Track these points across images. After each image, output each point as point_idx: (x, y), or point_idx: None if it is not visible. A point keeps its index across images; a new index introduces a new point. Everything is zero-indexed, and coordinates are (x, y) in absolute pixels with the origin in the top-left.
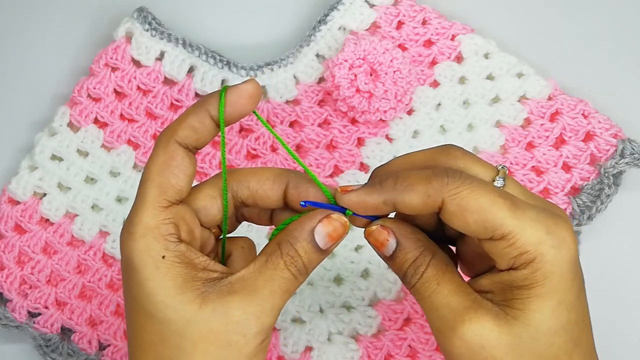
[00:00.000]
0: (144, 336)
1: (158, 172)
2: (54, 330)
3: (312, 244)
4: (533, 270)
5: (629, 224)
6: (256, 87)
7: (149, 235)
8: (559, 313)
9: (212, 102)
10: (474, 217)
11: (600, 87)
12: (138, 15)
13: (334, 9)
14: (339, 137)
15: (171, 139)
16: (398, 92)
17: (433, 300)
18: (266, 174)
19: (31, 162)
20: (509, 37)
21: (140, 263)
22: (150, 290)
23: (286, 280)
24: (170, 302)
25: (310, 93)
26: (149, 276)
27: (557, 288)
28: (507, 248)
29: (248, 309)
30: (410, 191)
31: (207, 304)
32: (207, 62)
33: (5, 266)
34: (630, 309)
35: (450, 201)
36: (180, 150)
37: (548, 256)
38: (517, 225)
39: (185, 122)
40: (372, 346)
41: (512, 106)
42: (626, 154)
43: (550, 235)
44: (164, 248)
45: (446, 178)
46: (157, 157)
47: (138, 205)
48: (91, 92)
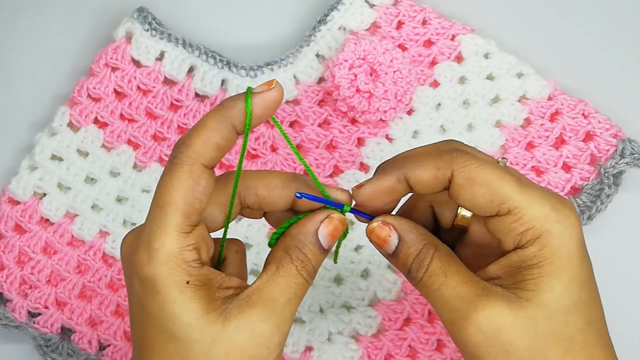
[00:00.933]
0: (163, 356)
1: (182, 197)
2: (54, 330)
3: (317, 245)
4: (541, 246)
5: (629, 224)
6: (280, 93)
7: (172, 262)
8: (571, 291)
9: (236, 117)
10: (482, 190)
11: (600, 87)
12: (138, 15)
13: (334, 9)
14: (339, 137)
15: (197, 162)
16: (398, 92)
17: (442, 292)
18: (275, 180)
19: (31, 162)
20: (509, 37)
21: (163, 286)
22: (175, 312)
23: (300, 286)
24: (195, 323)
25: (310, 93)
26: (174, 299)
27: (567, 265)
28: (514, 223)
29: (270, 321)
30: (421, 165)
31: (230, 320)
32: (207, 62)
33: (5, 266)
34: (630, 308)
35: (459, 173)
36: (206, 173)
37: (554, 232)
38: (523, 200)
39: (212, 142)
40: (372, 346)
41: (512, 106)
42: (626, 154)
43: (555, 212)
44: (187, 274)
45: (455, 153)
46: (182, 180)
47: (158, 229)
48: (91, 92)
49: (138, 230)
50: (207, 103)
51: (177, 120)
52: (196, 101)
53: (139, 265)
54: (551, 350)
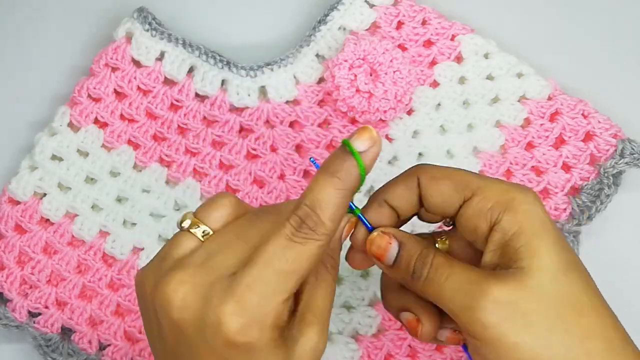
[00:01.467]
0: None
1: (308, 270)
2: (54, 330)
3: (340, 248)
4: (513, 213)
5: (628, 224)
6: (381, 145)
7: (270, 347)
8: (559, 251)
9: (355, 183)
10: (446, 182)
11: (600, 87)
12: (138, 16)
13: (334, 9)
14: (339, 137)
15: (328, 238)
16: (398, 92)
17: (452, 281)
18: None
19: (31, 162)
20: (509, 37)
21: (248, 348)
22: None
23: (333, 288)
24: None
25: (310, 93)
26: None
27: (543, 227)
28: (480, 202)
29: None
30: (393, 184)
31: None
32: (207, 62)
33: (6, 266)
34: (630, 308)
35: (423, 176)
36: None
37: (519, 199)
38: (482, 181)
39: (339, 218)
40: (372, 346)
41: (512, 106)
42: (626, 154)
43: (513, 187)
44: (273, 333)
45: (417, 166)
46: (315, 256)
47: (275, 296)
48: (91, 92)
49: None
50: (207, 103)
51: (177, 120)
52: (196, 101)
53: (217, 329)
54: (567, 315)
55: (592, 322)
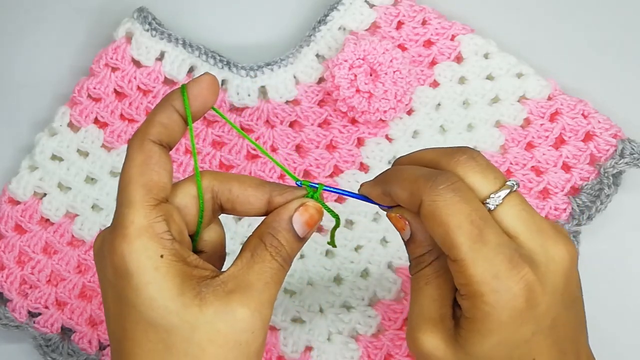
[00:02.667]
0: (145, 345)
1: (139, 172)
2: (54, 330)
3: (291, 232)
4: (473, 305)
5: (628, 224)
6: (214, 78)
7: (144, 236)
8: (499, 351)
9: (175, 98)
10: (439, 229)
11: (600, 87)
12: (138, 16)
13: (334, 9)
14: (339, 137)
15: (145, 139)
16: (398, 92)
17: (416, 295)
18: (249, 181)
19: (31, 162)
20: (509, 37)
21: (138, 266)
22: (151, 295)
23: (276, 271)
24: (172, 306)
25: (310, 93)
26: (149, 279)
27: (497, 329)
28: (457, 272)
29: (250, 305)
30: (399, 186)
31: (207, 306)
32: (207, 62)
33: (6, 266)
34: (630, 308)
35: (426, 206)
36: (156, 147)
37: (487, 299)
38: (470, 256)
39: (154, 120)
40: (372, 346)
41: (512, 106)
42: (626, 154)
43: (495, 280)
44: (161, 247)
45: (431, 182)
46: (134, 158)
47: (124, 208)
48: (91, 92)
49: (108, 227)
50: None
51: None
52: None
53: (113, 248)
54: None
55: None
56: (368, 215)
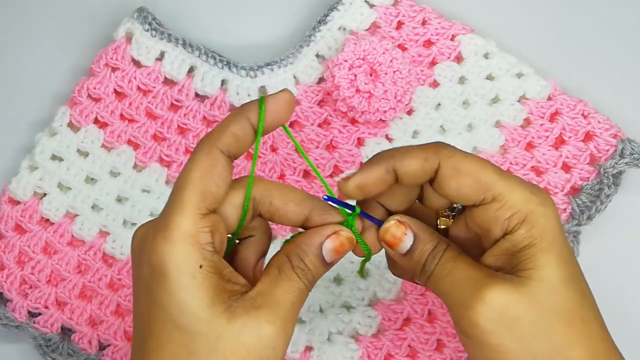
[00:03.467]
0: (168, 347)
1: (201, 178)
2: (54, 330)
3: (319, 258)
4: (529, 227)
5: (628, 224)
6: (291, 96)
7: (188, 242)
8: (563, 265)
9: (251, 110)
10: (468, 179)
11: (600, 87)
12: (138, 16)
13: (334, 9)
14: (338, 137)
15: (214, 146)
16: (398, 92)
17: (453, 276)
18: (292, 194)
19: (31, 162)
20: (509, 37)
21: (175, 270)
22: (184, 300)
23: (301, 291)
24: (202, 314)
25: (310, 93)
26: (185, 285)
27: (554, 241)
28: (500, 210)
29: (277, 323)
30: (409, 156)
31: (235, 319)
32: (207, 62)
33: (6, 266)
34: (630, 308)
35: (446, 164)
36: (222, 157)
37: (539, 212)
38: (506, 187)
39: (228, 130)
40: (372, 346)
41: (512, 106)
42: (626, 154)
43: (536, 196)
44: (202, 257)
45: (441, 145)
46: (200, 162)
47: (175, 209)
48: (91, 92)
49: (152, 220)
50: (207, 103)
51: (177, 120)
52: (196, 101)
53: (154, 246)
54: (556, 324)
55: (579, 333)
56: None
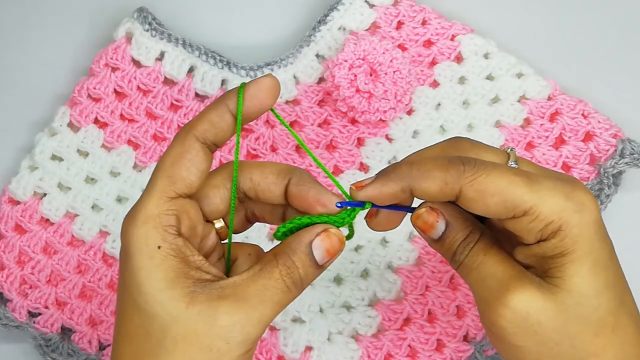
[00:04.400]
0: (129, 327)
1: (171, 163)
2: (54, 330)
3: (309, 257)
4: (561, 238)
5: (628, 224)
6: (274, 81)
7: (149, 224)
8: (596, 274)
9: (231, 97)
10: (494, 199)
11: (600, 87)
12: (138, 16)
13: (334, 9)
14: (338, 137)
15: (189, 133)
16: (398, 92)
17: (480, 270)
18: (270, 168)
19: (31, 162)
20: (509, 37)
21: (136, 250)
22: (141, 280)
23: (278, 291)
24: (158, 295)
25: (310, 93)
26: (142, 265)
27: (589, 250)
28: (532, 223)
29: (235, 316)
30: (427, 178)
31: (194, 304)
32: (207, 62)
33: (6, 266)
34: None
35: (468, 188)
36: (197, 144)
37: (572, 221)
38: (537, 199)
39: (205, 117)
40: (372, 346)
41: (512, 106)
42: (626, 154)
43: (570, 202)
44: (161, 238)
45: (462, 166)
46: (173, 149)
47: (145, 193)
48: (91, 92)
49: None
50: (207, 103)
51: (177, 120)
52: (196, 101)
53: (123, 229)
54: (581, 333)
55: (608, 341)
56: None
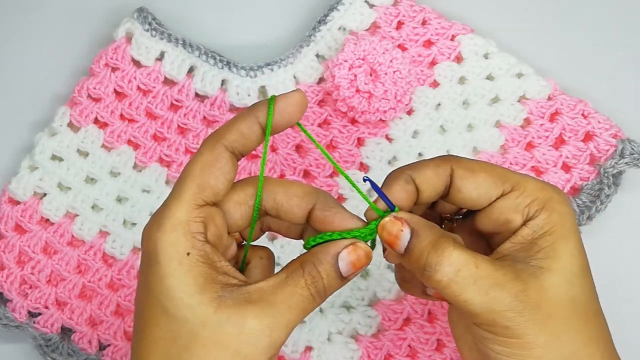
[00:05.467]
0: (154, 331)
1: (200, 170)
2: (54, 330)
3: (334, 268)
4: (549, 212)
5: (628, 224)
6: (303, 96)
7: (179, 230)
8: (580, 254)
9: (260, 109)
10: (483, 175)
11: (600, 87)
12: (138, 16)
13: (334, 9)
14: (338, 137)
15: (219, 142)
16: (398, 92)
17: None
18: (295, 189)
19: (31, 162)
20: (509, 37)
21: (164, 256)
22: (171, 285)
23: (304, 299)
24: (188, 300)
25: (310, 93)
26: (172, 271)
27: (572, 229)
28: (519, 198)
29: (263, 321)
30: (423, 166)
31: (222, 309)
32: (207, 62)
33: (6, 266)
34: (630, 308)
35: (458, 167)
36: (226, 153)
37: (557, 197)
38: (521, 177)
39: (234, 127)
40: (372, 346)
41: (512, 106)
42: (626, 154)
43: (548, 185)
44: (190, 245)
45: (450, 155)
46: (202, 156)
47: (172, 199)
48: (91, 92)
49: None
50: (207, 103)
51: (177, 120)
52: (196, 101)
53: (149, 233)
54: (576, 319)
55: (594, 328)
56: None
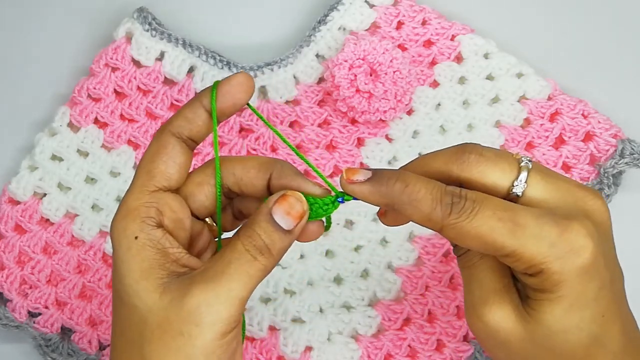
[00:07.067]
0: (117, 320)
1: (149, 159)
2: (54, 330)
3: (270, 223)
4: (542, 279)
5: (628, 224)
6: (245, 77)
7: (129, 217)
8: (571, 314)
9: (204, 94)
10: (473, 242)
11: (600, 87)
12: (138, 16)
13: (334, 9)
14: (338, 137)
15: (164, 130)
16: (398, 92)
17: (472, 272)
18: (251, 162)
19: (31, 162)
20: (509, 37)
21: (117, 244)
22: (122, 272)
23: (243, 262)
24: (135, 287)
25: (310, 93)
26: (122, 256)
27: (568, 293)
28: (515, 263)
29: (199, 296)
30: (415, 207)
31: (166, 293)
32: (207, 62)
33: (6, 266)
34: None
35: (449, 230)
36: (173, 139)
37: (554, 268)
38: (519, 245)
39: (179, 114)
40: (372, 346)
41: (512, 106)
42: (626, 154)
43: (554, 249)
44: (138, 229)
45: (449, 208)
46: (151, 146)
47: (127, 189)
48: (91, 92)
49: None
50: None
51: None
52: None
53: (110, 226)
54: (548, 358)
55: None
56: (368, 215)
